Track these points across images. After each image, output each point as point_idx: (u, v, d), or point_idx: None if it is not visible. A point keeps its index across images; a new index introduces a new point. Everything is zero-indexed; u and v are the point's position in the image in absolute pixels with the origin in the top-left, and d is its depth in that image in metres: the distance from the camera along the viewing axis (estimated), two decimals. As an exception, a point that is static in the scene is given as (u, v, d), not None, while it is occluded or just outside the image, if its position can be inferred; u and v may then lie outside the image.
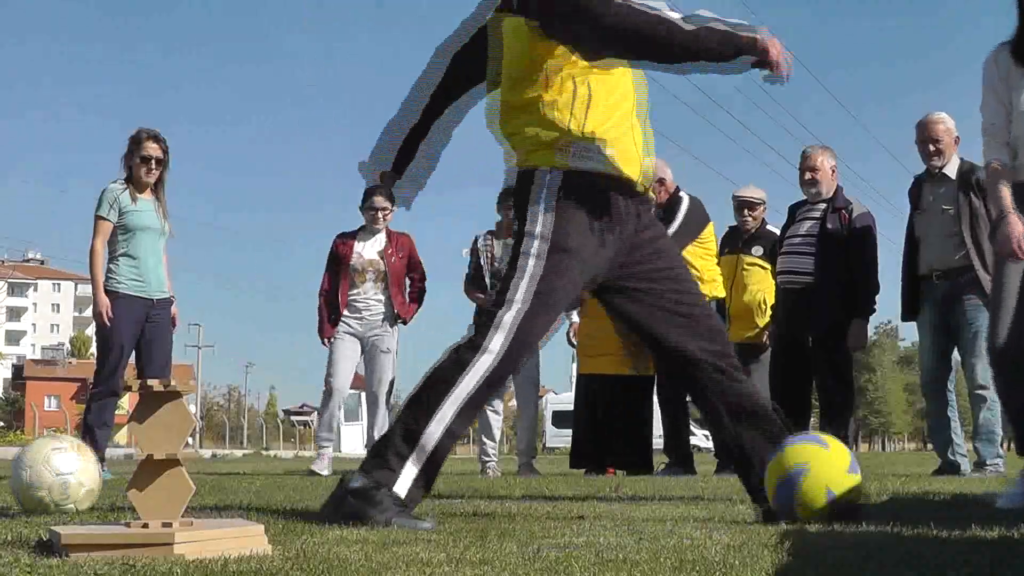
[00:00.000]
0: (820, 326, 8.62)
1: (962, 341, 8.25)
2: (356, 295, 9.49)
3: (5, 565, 2.80)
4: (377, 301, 9.53)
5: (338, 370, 9.48)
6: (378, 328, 9.53)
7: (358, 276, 9.48)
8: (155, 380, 3.15)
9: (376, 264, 9.54)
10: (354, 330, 9.48)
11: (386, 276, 9.51)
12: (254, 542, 3.11)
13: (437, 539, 3.37)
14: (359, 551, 3.04)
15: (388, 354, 9.56)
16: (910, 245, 8.50)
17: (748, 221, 9.56)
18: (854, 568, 2.64)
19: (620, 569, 2.68)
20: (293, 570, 2.69)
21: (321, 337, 9.61)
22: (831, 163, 8.86)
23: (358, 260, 9.50)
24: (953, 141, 8.33)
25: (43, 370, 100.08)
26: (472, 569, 2.70)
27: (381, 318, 9.54)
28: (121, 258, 8.31)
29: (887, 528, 3.60)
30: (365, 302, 9.51)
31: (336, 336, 9.48)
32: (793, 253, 8.84)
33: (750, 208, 9.55)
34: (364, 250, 9.54)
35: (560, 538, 3.43)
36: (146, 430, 3.17)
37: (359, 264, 9.49)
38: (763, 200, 9.60)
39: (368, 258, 9.53)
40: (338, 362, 9.48)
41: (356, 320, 9.49)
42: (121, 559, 2.87)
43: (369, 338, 9.52)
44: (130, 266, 8.27)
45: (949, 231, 8.19)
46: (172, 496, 3.15)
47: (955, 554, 2.86)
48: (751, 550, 3.01)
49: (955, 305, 8.20)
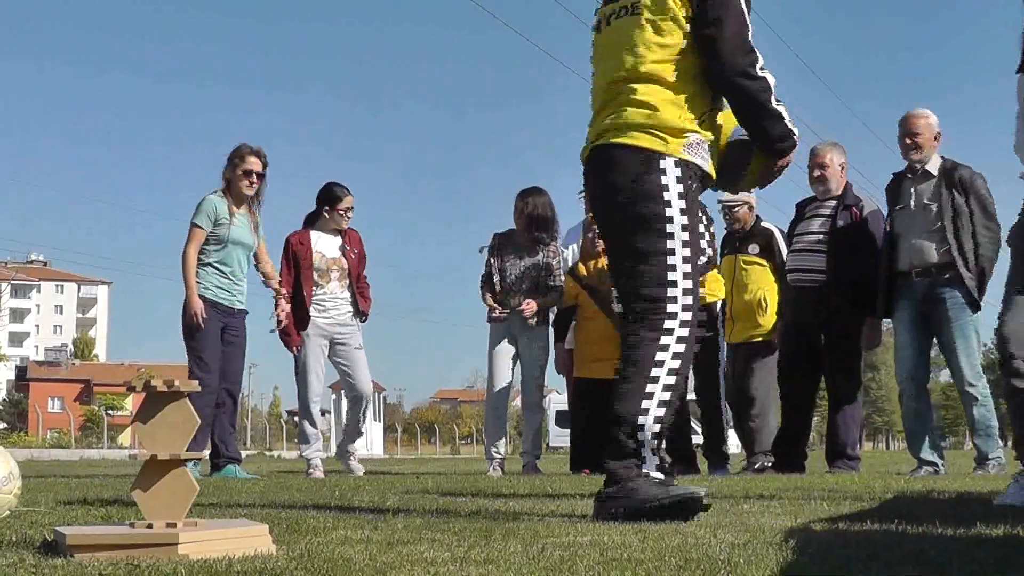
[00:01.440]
0: (835, 326, 8.60)
1: (945, 339, 8.18)
2: (323, 294, 9.41)
3: (10, 565, 2.80)
4: (344, 299, 9.48)
5: (315, 384, 9.40)
6: (347, 326, 9.48)
7: (322, 275, 9.40)
8: (159, 380, 3.15)
9: (340, 262, 9.48)
10: (322, 330, 9.41)
11: (348, 273, 9.48)
12: (258, 542, 3.11)
13: (441, 538, 3.37)
14: (363, 551, 3.04)
15: (360, 350, 9.54)
16: (888, 242, 8.40)
17: (735, 223, 9.56)
18: (859, 566, 2.64)
19: (625, 568, 2.68)
20: (297, 570, 2.69)
21: (289, 346, 9.44)
22: (840, 160, 8.85)
23: (321, 259, 9.42)
24: (933, 137, 8.26)
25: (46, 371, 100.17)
26: (477, 568, 2.70)
27: (349, 314, 9.50)
28: (209, 267, 8.50)
29: (892, 526, 3.60)
30: (333, 301, 9.44)
31: (305, 343, 9.35)
32: (805, 251, 8.83)
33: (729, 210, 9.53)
34: (325, 249, 9.47)
35: (565, 537, 3.43)
36: (150, 430, 3.17)
37: (323, 263, 9.41)
38: (745, 201, 9.57)
39: (331, 256, 9.47)
40: (314, 377, 9.37)
41: (324, 319, 9.41)
42: (125, 559, 2.87)
43: (338, 337, 9.45)
44: (218, 275, 8.44)
45: (930, 228, 8.12)
46: (176, 496, 3.15)
47: (959, 552, 2.86)
48: (756, 549, 3.01)
49: (936, 303, 8.14)
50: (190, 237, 8.51)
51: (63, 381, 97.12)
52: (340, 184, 9.59)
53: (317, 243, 9.42)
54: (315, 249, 9.39)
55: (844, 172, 8.84)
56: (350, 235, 9.58)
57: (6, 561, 2.88)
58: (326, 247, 9.45)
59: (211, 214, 8.49)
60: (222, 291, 8.44)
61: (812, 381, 9.04)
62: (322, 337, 9.39)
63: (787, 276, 9.01)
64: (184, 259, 8.46)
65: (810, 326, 8.77)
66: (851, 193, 8.79)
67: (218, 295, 8.43)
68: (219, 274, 8.45)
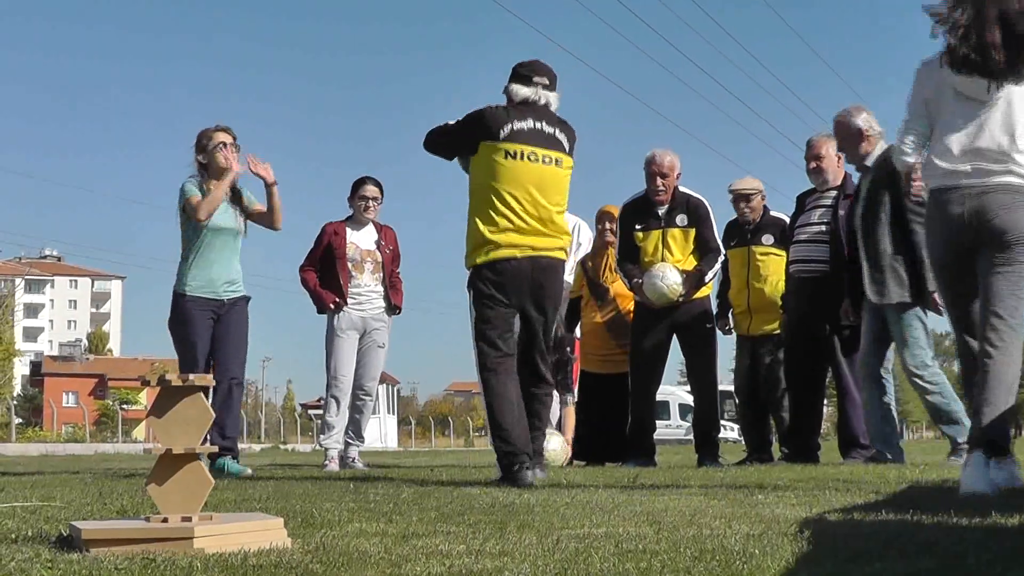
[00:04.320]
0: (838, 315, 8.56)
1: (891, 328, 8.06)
2: (357, 286, 9.40)
3: (26, 560, 2.81)
4: (377, 293, 9.46)
5: (345, 372, 9.37)
6: (378, 320, 9.47)
7: (356, 267, 9.39)
8: (173, 375, 3.16)
9: (374, 255, 9.45)
10: (355, 323, 9.39)
11: (383, 267, 9.45)
12: (274, 536, 3.11)
13: (456, 531, 3.38)
14: (379, 544, 3.04)
15: (382, 349, 9.50)
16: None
17: (747, 213, 9.51)
18: (874, 556, 2.64)
19: (640, 559, 2.68)
20: (313, 563, 2.69)
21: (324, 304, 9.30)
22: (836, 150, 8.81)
23: (356, 251, 9.41)
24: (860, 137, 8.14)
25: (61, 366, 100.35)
26: (492, 560, 2.70)
27: (381, 309, 9.49)
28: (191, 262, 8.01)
29: (906, 516, 3.59)
30: (367, 294, 9.42)
31: (337, 333, 9.34)
32: (806, 242, 8.80)
33: (746, 200, 9.49)
34: (360, 241, 9.46)
35: (579, 529, 3.43)
36: (165, 425, 3.18)
37: (357, 255, 9.40)
38: (759, 190, 9.52)
39: (365, 248, 9.45)
40: (344, 363, 9.36)
41: (358, 312, 9.41)
42: (141, 554, 2.88)
43: (368, 331, 9.44)
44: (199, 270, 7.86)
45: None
46: (191, 491, 3.16)
47: (975, 541, 2.86)
48: (771, 539, 3.01)
49: None
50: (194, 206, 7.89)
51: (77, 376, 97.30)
52: (369, 176, 9.59)
53: (352, 234, 9.43)
54: (349, 240, 9.38)
55: (842, 162, 8.80)
56: (386, 232, 9.55)
57: (23, 556, 2.89)
58: (361, 239, 9.45)
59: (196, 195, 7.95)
60: (206, 287, 8.02)
61: (819, 371, 9.00)
62: (354, 329, 9.38)
63: (789, 268, 8.97)
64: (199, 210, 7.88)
65: (814, 316, 8.73)
66: (850, 182, 8.74)
67: (202, 291, 8.01)
68: (201, 268, 8.00)
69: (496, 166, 6.15)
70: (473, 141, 6.24)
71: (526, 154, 6.16)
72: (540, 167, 6.19)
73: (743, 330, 9.47)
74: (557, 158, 6.27)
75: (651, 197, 8.83)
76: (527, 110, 6.26)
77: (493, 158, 6.16)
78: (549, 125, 6.28)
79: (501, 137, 6.14)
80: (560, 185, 6.31)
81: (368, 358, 9.45)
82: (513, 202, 6.14)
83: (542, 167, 6.20)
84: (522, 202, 6.14)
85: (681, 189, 8.90)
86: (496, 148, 6.15)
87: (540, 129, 6.24)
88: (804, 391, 8.99)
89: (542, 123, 6.26)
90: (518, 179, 6.15)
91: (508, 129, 6.16)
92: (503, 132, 6.15)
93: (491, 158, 6.17)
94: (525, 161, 6.16)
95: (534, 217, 6.17)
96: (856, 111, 8.20)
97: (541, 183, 6.20)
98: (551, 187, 6.25)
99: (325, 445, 9.50)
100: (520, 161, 6.15)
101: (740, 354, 9.60)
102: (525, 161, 6.16)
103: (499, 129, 6.15)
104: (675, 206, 8.83)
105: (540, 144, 6.21)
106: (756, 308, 9.34)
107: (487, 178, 6.19)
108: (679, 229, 8.79)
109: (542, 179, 6.20)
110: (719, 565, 2.58)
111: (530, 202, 6.16)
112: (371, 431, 43.03)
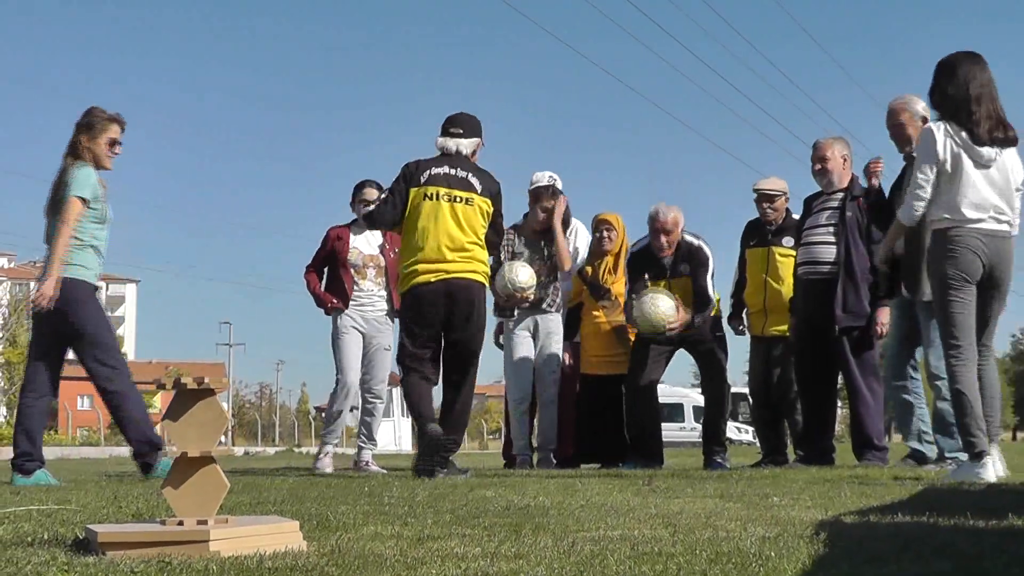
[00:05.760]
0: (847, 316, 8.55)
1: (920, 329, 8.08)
2: (359, 291, 9.40)
3: (42, 563, 2.82)
4: (380, 297, 9.45)
5: (352, 366, 9.41)
6: (381, 324, 9.46)
7: (358, 271, 9.39)
8: (188, 378, 3.16)
9: (377, 260, 9.44)
10: (359, 325, 9.41)
11: (386, 271, 9.44)
12: (289, 538, 3.12)
13: (471, 533, 3.38)
14: (394, 546, 3.04)
15: (388, 352, 9.48)
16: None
17: (770, 213, 9.48)
18: (890, 558, 2.63)
19: (656, 562, 2.67)
20: (328, 566, 2.69)
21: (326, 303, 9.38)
22: (842, 153, 8.80)
23: (358, 256, 9.40)
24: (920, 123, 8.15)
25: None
26: (507, 563, 2.70)
27: (384, 313, 9.48)
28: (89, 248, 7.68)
29: (923, 518, 3.59)
30: (369, 298, 9.42)
31: (342, 332, 9.38)
32: (814, 243, 8.79)
33: (770, 200, 9.48)
34: (363, 245, 9.45)
35: (595, 531, 3.43)
36: (180, 428, 3.18)
37: (360, 259, 9.39)
38: (784, 191, 9.52)
39: (368, 253, 9.44)
40: (350, 359, 9.39)
41: (360, 315, 9.42)
42: (157, 557, 2.88)
43: (372, 335, 9.44)
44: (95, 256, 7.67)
45: None
46: (207, 494, 3.16)
47: (991, 544, 2.85)
48: (787, 542, 3.00)
49: None
50: (71, 210, 7.46)
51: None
52: (369, 180, 9.60)
53: (356, 239, 9.44)
54: (352, 245, 9.39)
55: (848, 164, 8.79)
56: (391, 235, 9.53)
57: (39, 559, 2.90)
58: (364, 244, 9.45)
59: (95, 188, 7.64)
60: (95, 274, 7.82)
61: (829, 373, 8.98)
62: (356, 329, 9.40)
63: (797, 270, 8.96)
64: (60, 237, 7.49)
65: (822, 318, 8.72)
66: (857, 184, 8.73)
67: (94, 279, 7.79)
68: (96, 256, 7.76)
69: (419, 206, 7.55)
70: (406, 189, 7.62)
71: (441, 195, 7.55)
72: (452, 205, 7.55)
73: (758, 331, 9.45)
74: (467, 197, 7.60)
75: (656, 252, 9.01)
76: (443, 158, 7.68)
77: (416, 201, 7.57)
78: (462, 170, 7.64)
79: (422, 182, 7.58)
80: (472, 221, 7.60)
81: (375, 361, 9.46)
82: (430, 235, 7.50)
83: (454, 205, 7.55)
84: (440, 235, 7.50)
85: (685, 237, 9.09)
86: (419, 191, 7.57)
87: (453, 174, 7.62)
88: (816, 393, 8.97)
89: (456, 169, 7.63)
90: (435, 215, 7.52)
91: (427, 175, 7.59)
92: (423, 178, 7.59)
93: (416, 201, 7.57)
94: (440, 201, 7.54)
95: (449, 247, 7.50)
96: (913, 99, 8.23)
97: (455, 218, 7.55)
98: (464, 221, 7.57)
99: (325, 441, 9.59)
100: (436, 201, 7.54)
101: (754, 356, 9.58)
102: (440, 201, 7.54)
103: (420, 176, 7.60)
104: (679, 256, 9.06)
105: (453, 186, 7.59)
106: (772, 309, 9.32)
107: (413, 218, 7.58)
108: (684, 278, 9.01)
109: (455, 215, 7.55)
110: (735, 568, 2.58)
111: (445, 234, 7.50)
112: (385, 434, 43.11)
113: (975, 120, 6.36)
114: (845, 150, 8.84)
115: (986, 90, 6.45)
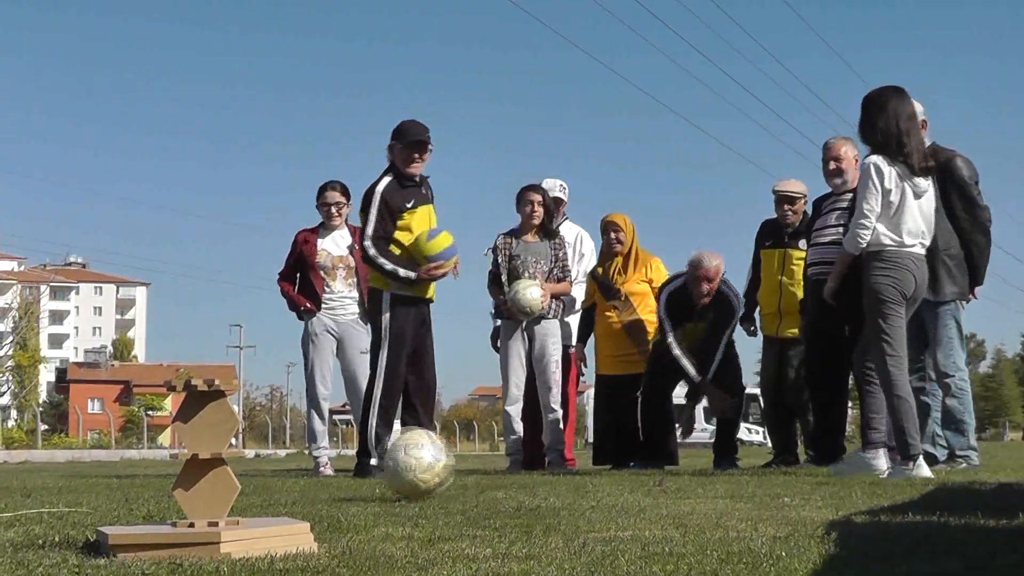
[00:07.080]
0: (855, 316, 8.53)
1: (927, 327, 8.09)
2: (330, 293, 9.35)
3: (53, 566, 2.83)
4: (351, 299, 9.39)
5: (325, 379, 9.36)
6: (353, 326, 9.40)
7: (328, 273, 9.34)
8: (199, 380, 3.17)
9: (346, 260, 9.37)
10: (331, 329, 9.35)
11: (356, 272, 9.38)
12: (300, 540, 3.12)
13: (482, 535, 3.38)
14: (405, 548, 3.05)
15: (365, 355, 9.31)
16: None
17: (789, 215, 9.47)
18: (901, 558, 2.63)
19: (667, 562, 2.67)
20: (340, 568, 2.70)
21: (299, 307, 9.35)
22: (854, 153, 8.78)
23: (327, 258, 9.34)
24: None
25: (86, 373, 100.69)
26: (519, 564, 2.70)
27: (355, 315, 9.42)
28: None
29: (933, 518, 3.58)
30: (340, 300, 9.36)
31: (312, 339, 9.32)
32: (824, 244, 8.77)
33: (790, 203, 9.46)
34: (331, 246, 9.40)
35: (606, 532, 3.43)
36: (191, 430, 3.19)
37: (329, 261, 9.33)
38: (804, 194, 9.50)
39: (337, 255, 9.38)
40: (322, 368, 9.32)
41: (331, 319, 9.36)
42: (168, 559, 2.89)
43: (346, 338, 9.38)
44: None
45: None
46: (218, 495, 3.17)
47: (1002, 543, 2.85)
48: (797, 542, 3.00)
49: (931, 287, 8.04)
50: None
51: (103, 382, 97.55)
52: (332, 181, 9.56)
53: (323, 241, 9.38)
54: (320, 247, 9.34)
55: (857, 165, 8.79)
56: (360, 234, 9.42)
57: (50, 561, 2.90)
58: (332, 245, 9.38)
59: None
60: None
61: (840, 373, 8.96)
62: (328, 333, 9.35)
63: (807, 271, 8.94)
64: None
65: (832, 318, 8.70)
66: None
67: None
68: None
69: None
70: None
71: None
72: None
73: (771, 332, 9.44)
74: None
75: (695, 299, 8.93)
76: None
77: None
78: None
79: None
80: None
81: (355, 367, 9.38)
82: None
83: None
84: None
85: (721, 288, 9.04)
86: None
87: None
88: (826, 393, 8.95)
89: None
90: None
91: None
92: None
93: None
94: None
95: None
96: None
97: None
98: None
99: (314, 455, 9.53)
100: None
101: (766, 356, 9.57)
102: None
103: None
104: (712, 303, 8.96)
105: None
106: (787, 311, 9.31)
107: None
108: (705, 323, 8.98)
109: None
110: (746, 568, 2.58)
111: None
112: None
113: (906, 152, 6.79)
114: (855, 150, 8.83)
115: (912, 123, 6.91)
